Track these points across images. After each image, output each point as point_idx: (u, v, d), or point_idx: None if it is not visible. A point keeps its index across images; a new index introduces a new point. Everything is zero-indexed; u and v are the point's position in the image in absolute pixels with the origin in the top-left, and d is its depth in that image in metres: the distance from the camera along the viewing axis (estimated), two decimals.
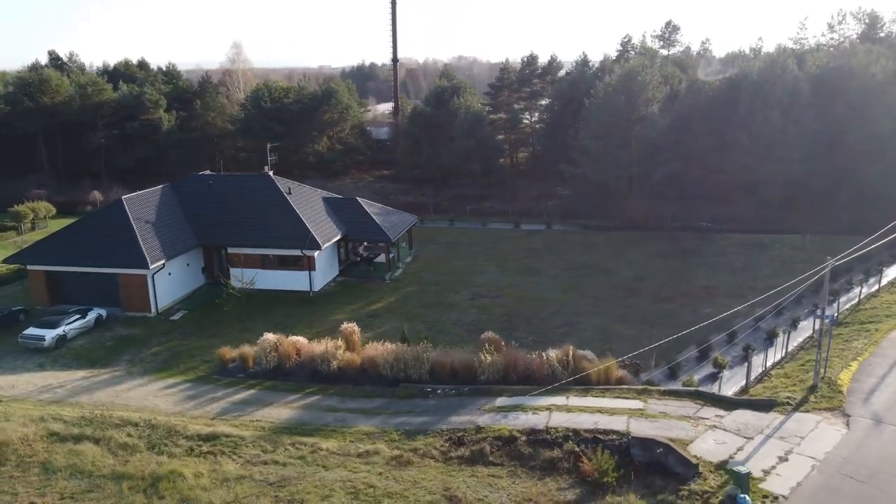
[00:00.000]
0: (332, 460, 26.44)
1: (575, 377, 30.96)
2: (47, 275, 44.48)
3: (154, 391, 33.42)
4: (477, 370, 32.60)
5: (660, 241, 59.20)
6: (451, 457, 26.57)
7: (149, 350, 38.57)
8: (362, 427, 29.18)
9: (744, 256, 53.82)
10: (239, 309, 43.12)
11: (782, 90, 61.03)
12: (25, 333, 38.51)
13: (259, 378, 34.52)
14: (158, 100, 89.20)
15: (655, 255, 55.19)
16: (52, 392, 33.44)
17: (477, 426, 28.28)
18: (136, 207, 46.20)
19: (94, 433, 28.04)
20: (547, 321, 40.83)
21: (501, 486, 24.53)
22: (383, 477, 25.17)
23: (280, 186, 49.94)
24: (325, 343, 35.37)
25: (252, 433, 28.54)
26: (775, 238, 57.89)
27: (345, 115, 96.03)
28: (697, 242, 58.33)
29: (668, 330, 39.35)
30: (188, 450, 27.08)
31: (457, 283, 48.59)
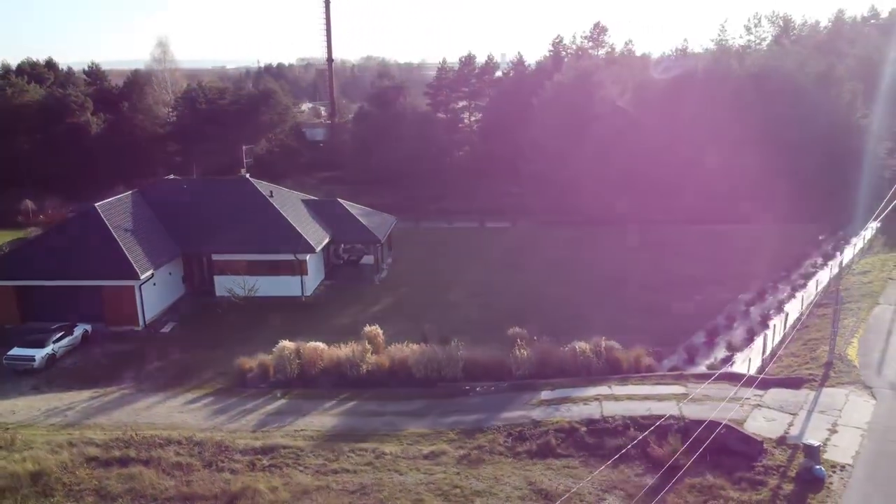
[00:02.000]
0: (401, 464, 26.12)
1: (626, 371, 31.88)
2: (17, 290, 41.17)
3: (177, 407, 31.73)
4: (512, 366, 32.93)
5: (623, 235, 61.30)
6: (519, 451, 26.83)
7: (151, 365, 36.50)
8: (415, 429, 28.93)
9: (707, 246, 56.64)
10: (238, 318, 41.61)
11: (728, 88, 64.77)
12: (11, 354, 35.58)
13: (283, 387, 33.44)
14: (84, 102, 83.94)
15: (625, 248, 57.22)
16: (61, 415, 31.13)
17: (533, 420, 28.66)
18: (111, 215, 43.50)
19: (138, 454, 26.45)
20: (551, 315, 41.56)
21: (581, 476, 25.00)
22: (462, 476, 25.13)
23: (261, 189, 48.34)
24: (349, 347, 34.69)
25: (305, 443, 27.74)
26: (729, 228, 61.26)
27: (284, 116, 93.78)
28: (658, 234, 60.83)
29: (668, 318, 41.50)
30: (249, 464, 26.01)
31: (448, 283, 48.63)
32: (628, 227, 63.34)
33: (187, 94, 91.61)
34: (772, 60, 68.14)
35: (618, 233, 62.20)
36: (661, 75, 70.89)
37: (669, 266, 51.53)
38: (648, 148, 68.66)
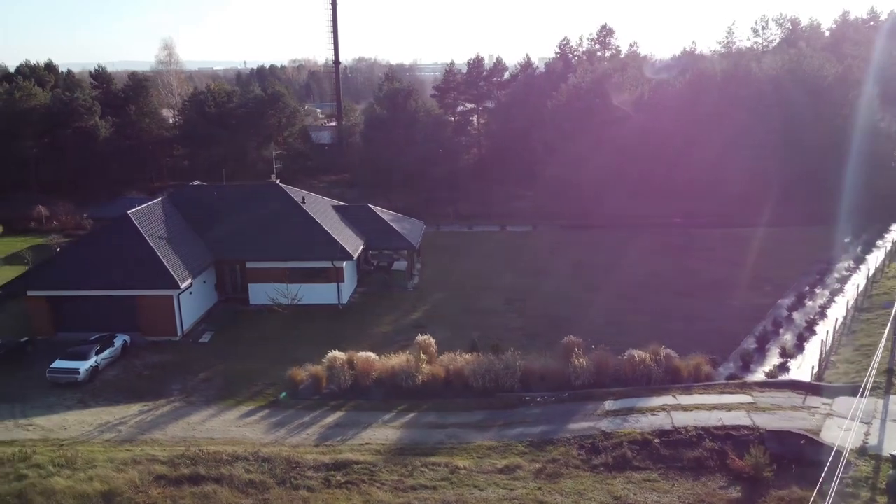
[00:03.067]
0: (478, 479, 25.68)
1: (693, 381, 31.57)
2: (50, 301, 40.22)
3: (232, 421, 31.06)
4: (570, 375, 32.55)
5: (646, 238, 61.22)
6: (595, 464, 26.47)
7: (196, 377, 35.70)
8: (481, 441, 28.51)
9: (733, 249, 56.57)
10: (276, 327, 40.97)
11: (748, 91, 64.89)
12: (55, 367, 34.64)
13: (334, 398, 32.84)
14: (92, 105, 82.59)
15: (650, 252, 57.02)
16: (114, 431, 30.36)
17: (603, 432, 28.31)
18: (144, 223, 42.67)
19: (208, 472, 25.81)
20: (591, 321, 41.19)
21: (664, 490, 24.72)
22: (544, 491, 24.74)
23: (293, 195, 47.65)
24: (402, 357, 34.17)
25: (375, 458, 27.21)
26: (752, 231, 61.21)
27: (293, 119, 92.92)
28: (681, 238, 60.78)
29: (709, 323, 41.29)
30: (324, 481, 25.46)
31: (481, 289, 48.16)
32: (651, 231, 63.31)
33: (195, 97, 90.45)
34: (790, 63, 68.21)
35: (640, 236, 62.09)
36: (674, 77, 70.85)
37: (699, 270, 51.38)
38: (666, 151, 68.68)
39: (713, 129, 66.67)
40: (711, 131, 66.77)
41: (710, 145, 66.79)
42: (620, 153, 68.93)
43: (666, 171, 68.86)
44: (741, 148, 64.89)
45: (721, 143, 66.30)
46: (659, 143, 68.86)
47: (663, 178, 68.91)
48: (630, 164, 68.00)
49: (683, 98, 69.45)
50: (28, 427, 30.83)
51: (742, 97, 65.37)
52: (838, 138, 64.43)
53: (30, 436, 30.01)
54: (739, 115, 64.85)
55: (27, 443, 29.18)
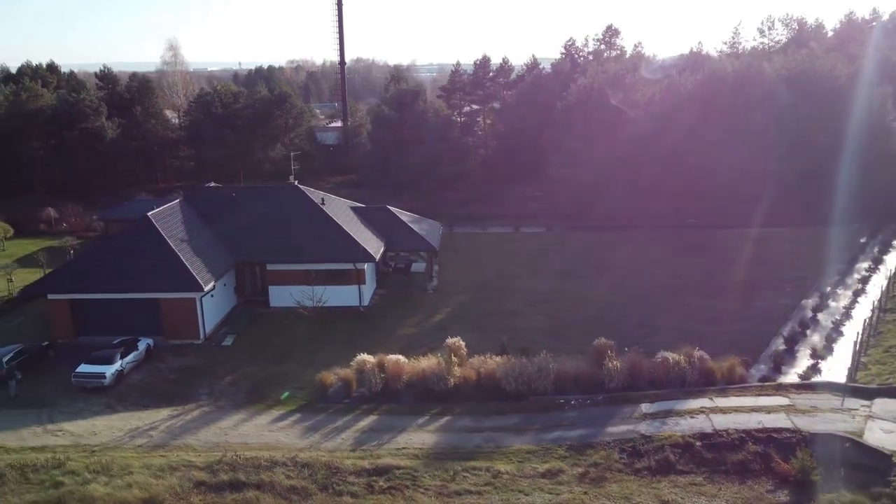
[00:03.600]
0: (522, 484, 25.42)
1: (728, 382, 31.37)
2: (71, 304, 39.79)
3: (264, 425, 30.70)
4: (604, 378, 32.30)
5: (663, 239, 61.07)
6: (639, 468, 26.24)
7: (222, 381, 35.30)
8: (520, 445, 28.25)
9: (752, 250, 56.36)
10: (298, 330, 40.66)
11: (762, 91, 64.80)
12: (81, 372, 34.20)
13: (366, 402, 32.51)
14: (98, 106, 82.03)
15: (668, 253, 56.85)
16: (146, 436, 29.97)
17: (642, 435, 28.08)
18: (164, 225, 42.26)
19: (248, 478, 25.48)
20: (618, 324, 40.93)
21: (711, 494, 24.50)
22: (591, 496, 24.50)
23: (312, 197, 47.29)
24: (432, 360, 33.88)
25: (414, 462, 26.93)
26: (767, 231, 61.14)
27: (299, 119, 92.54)
28: (699, 239, 60.62)
29: (734, 324, 41.11)
30: (367, 487, 25.15)
31: (501, 290, 47.86)
32: (666, 232, 63.13)
33: (201, 98, 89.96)
34: (802, 63, 68.16)
35: (655, 237, 61.93)
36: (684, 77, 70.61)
37: (719, 271, 51.15)
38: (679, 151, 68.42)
39: (726, 129, 66.46)
40: (724, 132, 66.55)
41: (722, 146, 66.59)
42: (633, 154, 68.68)
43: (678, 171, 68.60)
44: (755, 148, 64.70)
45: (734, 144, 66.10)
46: (671, 143, 68.60)
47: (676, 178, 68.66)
48: (642, 165, 67.72)
49: (695, 98, 69.19)
50: (57, 433, 30.42)
51: (755, 98, 65.19)
52: (851, 139, 64.31)
53: (60, 441, 29.60)
54: (753, 115, 64.65)
55: (58, 449, 28.77)
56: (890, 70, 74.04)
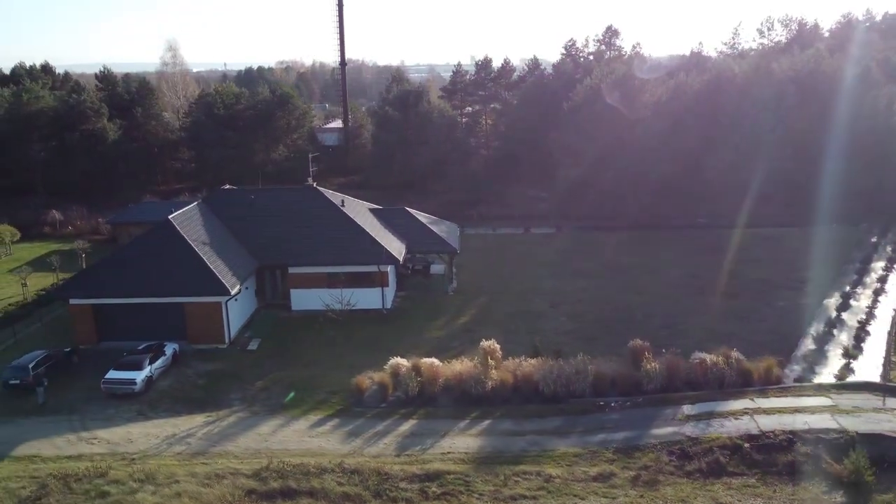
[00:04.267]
0: (575, 488, 25.30)
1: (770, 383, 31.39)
2: (94, 309, 39.16)
3: (304, 431, 30.33)
4: (642, 380, 32.22)
5: (676, 239, 61.23)
6: (690, 471, 26.21)
7: (253, 386, 34.84)
8: (565, 448, 28.13)
9: (763, 250, 56.69)
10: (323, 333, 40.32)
11: (770, 91, 65.14)
12: (110, 378, 33.62)
13: (403, 406, 32.19)
14: (99, 108, 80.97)
15: (684, 253, 56.93)
16: (183, 443, 29.51)
17: (689, 437, 28.04)
18: (186, 228, 41.70)
19: (299, 485, 25.18)
20: (644, 325, 40.83)
21: (767, 496, 24.50)
22: (647, 499, 24.42)
23: (331, 198, 46.89)
24: (469, 363, 33.67)
25: (463, 467, 26.74)
26: (778, 231, 61.49)
27: (302, 121, 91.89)
28: (711, 238, 60.73)
29: (760, 325, 41.22)
30: (420, 493, 24.91)
31: (522, 292, 47.67)
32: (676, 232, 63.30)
33: (202, 99, 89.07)
34: (809, 63, 68.62)
35: (666, 238, 62.09)
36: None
37: (736, 271, 51.17)
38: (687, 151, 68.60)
39: (733, 129, 66.77)
40: (732, 132, 66.87)
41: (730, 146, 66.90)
42: (640, 154, 68.77)
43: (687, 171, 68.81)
44: (762, 148, 65.02)
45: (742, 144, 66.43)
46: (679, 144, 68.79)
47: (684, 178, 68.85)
48: (651, 166, 67.85)
49: (702, 99, 69.48)
50: (92, 441, 29.89)
51: (763, 98, 65.51)
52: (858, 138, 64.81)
53: (96, 450, 29.09)
54: (761, 115, 64.97)
55: (95, 457, 28.31)
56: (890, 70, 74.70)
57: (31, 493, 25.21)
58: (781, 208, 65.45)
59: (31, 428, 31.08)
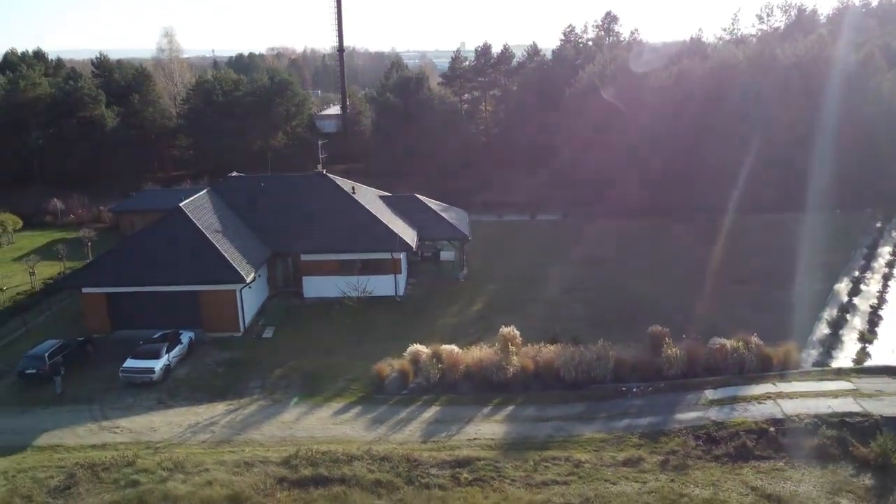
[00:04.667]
0: (605, 473, 25.38)
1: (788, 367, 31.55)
2: (108, 298, 38.84)
3: (327, 419, 30.29)
4: (662, 365, 32.34)
5: (681, 226, 61.23)
6: (718, 455, 26.33)
7: (272, 374, 34.68)
8: (591, 434, 28.23)
9: (769, 236, 56.79)
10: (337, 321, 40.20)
11: (774, 77, 65.21)
12: (128, 367, 33.40)
13: (423, 393, 32.18)
14: (97, 95, 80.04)
15: (691, 239, 56.98)
16: (206, 431, 29.40)
17: (714, 422, 28.18)
18: (197, 216, 41.37)
19: (330, 473, 25.14)
20: (658, 311, 40.81)
21: (797, 479, 24.65)
22: (679, 483, 24.53)
23: (342, 186, 46.63)
24: (489, 350, 33.75)
25: (492, 453, 26.76)
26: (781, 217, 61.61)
27: (301, 107, 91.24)
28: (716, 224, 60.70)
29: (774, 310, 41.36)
30: (452, 479, 24.94)
31: (534, 279, 47.59)
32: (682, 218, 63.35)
33: (201, 86, 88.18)
34: (813, 49, 68.67)
35: (672, 224, 62.10)
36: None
37: (743, 257, 51.35)
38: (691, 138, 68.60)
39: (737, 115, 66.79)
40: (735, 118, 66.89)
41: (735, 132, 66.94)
42: (645, 141, 68.76)
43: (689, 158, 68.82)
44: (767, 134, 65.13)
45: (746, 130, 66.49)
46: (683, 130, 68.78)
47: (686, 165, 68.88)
48: (655, 152, 67.87)
49: (706, 85, 69.41)
50: (115, 430, 29.75)
51: (767, 84, 65.57)
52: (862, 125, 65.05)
53: (119, 439, 28.97)
54: (764, 101, 65.05)
55: (119, 446, 28.16)
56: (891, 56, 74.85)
57: (60, 482, 25.06)
58: (784, 195, 65.49)
59: (51, 417, 30.89)
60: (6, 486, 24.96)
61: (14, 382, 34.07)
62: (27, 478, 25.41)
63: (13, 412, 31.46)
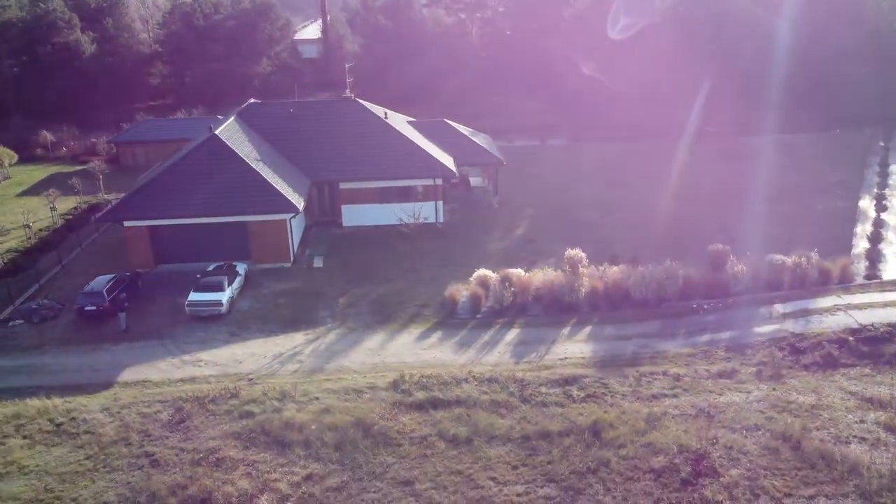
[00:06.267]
0: (706, 384, 26.33)
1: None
2: (150, 232, 37.54)
3: (411, 344, 30.42)
4: (729, 282, 33.22)
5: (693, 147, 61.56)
6: (806, 364, 27.54)
7: (337, 303, 34.30)
8: (676, 350, 29.14)
9: (780, 155, 57.74)
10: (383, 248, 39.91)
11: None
12: (195, 300, 32.60)
13: (497, 316, 32.45)
14: (71, 18, 75.09)
15: (706, 160, 57.46)
16: (294, 361, 29.25)
17: (792, 333, 29.35)
18: (234, 144, 39.87)
19: (444, 395, 25.39)
20: (699, 230, 41.26)
21: (888, 383, 25.95)
22: (781, 391, 25.56)
23: (375, 111, 45.37)
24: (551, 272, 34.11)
25: (590, 371, 27.38)
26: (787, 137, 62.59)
27: (285, 31, 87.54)
28: (727, 146, 61.43)
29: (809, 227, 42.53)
30: (565, 396, 25.52)
31: (568, 202, 47.53)
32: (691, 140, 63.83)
33: (179, 8, 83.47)
34: None
35: (682, 146, 62.33)
36: None
37: (762, 177, 52.16)
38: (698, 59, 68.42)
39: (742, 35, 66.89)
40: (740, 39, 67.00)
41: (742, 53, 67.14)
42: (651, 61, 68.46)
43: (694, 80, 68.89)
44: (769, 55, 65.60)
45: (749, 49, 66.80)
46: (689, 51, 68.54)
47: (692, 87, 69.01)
48: (661, 73, 67.75)
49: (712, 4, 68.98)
50: (198, 363, 29.34)
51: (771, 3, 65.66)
52: (860, 44, 66.01)
53: (206, 371, 28.61)
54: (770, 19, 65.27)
55: (210, 379, 27.87)
56: None
57: (171, 416, 24.73)
58: (787, 115, 66.48)
59: (125, 354, 30.22)
60: (114, 423, 24.53)
61: (72, 320, 33.02)
62: (133, 413, 25.00)
63: (84, 350, 30.65)
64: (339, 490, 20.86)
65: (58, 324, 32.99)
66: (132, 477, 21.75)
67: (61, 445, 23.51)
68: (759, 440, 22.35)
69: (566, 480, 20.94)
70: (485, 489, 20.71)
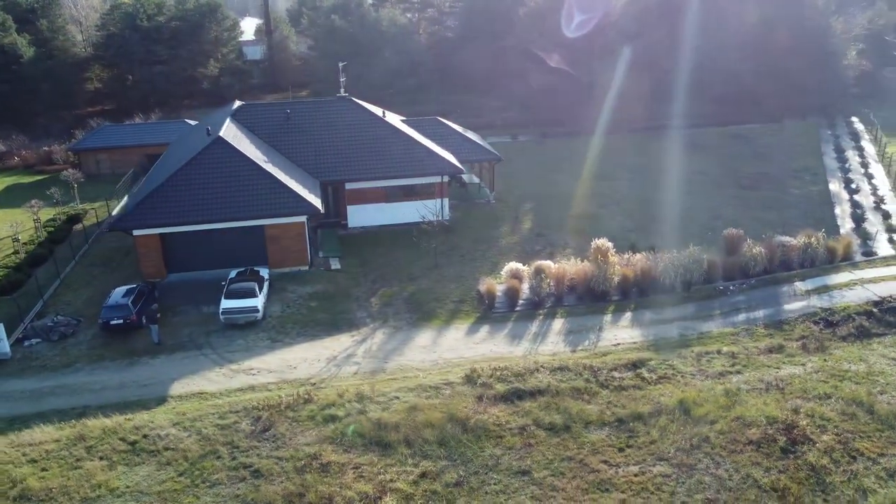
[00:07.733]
0: (761, 360, 27.76)
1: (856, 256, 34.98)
2: (162, 239, 35.87)
3: (462, 339, 30.49)
4: (748, 264, 34.90)
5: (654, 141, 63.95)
6: (844, 335, 29.44)
7: (370, 303, 33.95)
8: (719, 330, 30.53)
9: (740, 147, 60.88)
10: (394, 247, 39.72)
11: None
12: (230, 308, 31.40)
13: (535, 308, 32.93)
14: (5, 20, 70.37)
15: (676, 153, 59.68)
16: (350, 364, 28.81)
17: (822, 308, 31.25)
18: (240, 147, 38.61)
19: (525, 386, 25.67)
20: (697, 217, 43.30)
21: None
22: (831, 362, 27.21)
23: (373, 110, 44.88)
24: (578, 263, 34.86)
25: (650, 354, 28.27)
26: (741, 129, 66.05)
27: (232, 32, 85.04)
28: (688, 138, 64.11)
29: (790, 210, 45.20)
30: (639, 378, 26.31)
31: (562, 196, 48.28)
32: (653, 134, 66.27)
33: (118, 10, 79.58)
34: None
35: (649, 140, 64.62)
36: None
37: (733, 166, 54.96)
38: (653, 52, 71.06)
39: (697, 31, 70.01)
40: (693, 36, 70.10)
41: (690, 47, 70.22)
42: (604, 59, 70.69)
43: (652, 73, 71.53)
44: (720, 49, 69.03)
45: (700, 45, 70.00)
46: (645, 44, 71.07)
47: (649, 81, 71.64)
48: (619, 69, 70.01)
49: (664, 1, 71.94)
50: (250, 371, 28.41)
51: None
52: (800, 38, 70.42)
53: (263, 379, 27.77)
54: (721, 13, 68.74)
55: (270, 386, 27.12)
56: None
57: (252, 425, 23.91)
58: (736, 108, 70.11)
59: (167, 367, 28.91)
60: (192, 437, 23.51)
61: (95, 335, 31.25)
62: (209, 425, 24.01)
63: (120, 365, 29.08)
64: (459, 485, 20.83)
65: (80, 340, 31.14)
66: (238, 490, 20.94)
67: (144, 464, 22.34)
68: (835, 407, 23.80)
69: (675, 458, 21.66)
70: (601, 472, 21.18)
